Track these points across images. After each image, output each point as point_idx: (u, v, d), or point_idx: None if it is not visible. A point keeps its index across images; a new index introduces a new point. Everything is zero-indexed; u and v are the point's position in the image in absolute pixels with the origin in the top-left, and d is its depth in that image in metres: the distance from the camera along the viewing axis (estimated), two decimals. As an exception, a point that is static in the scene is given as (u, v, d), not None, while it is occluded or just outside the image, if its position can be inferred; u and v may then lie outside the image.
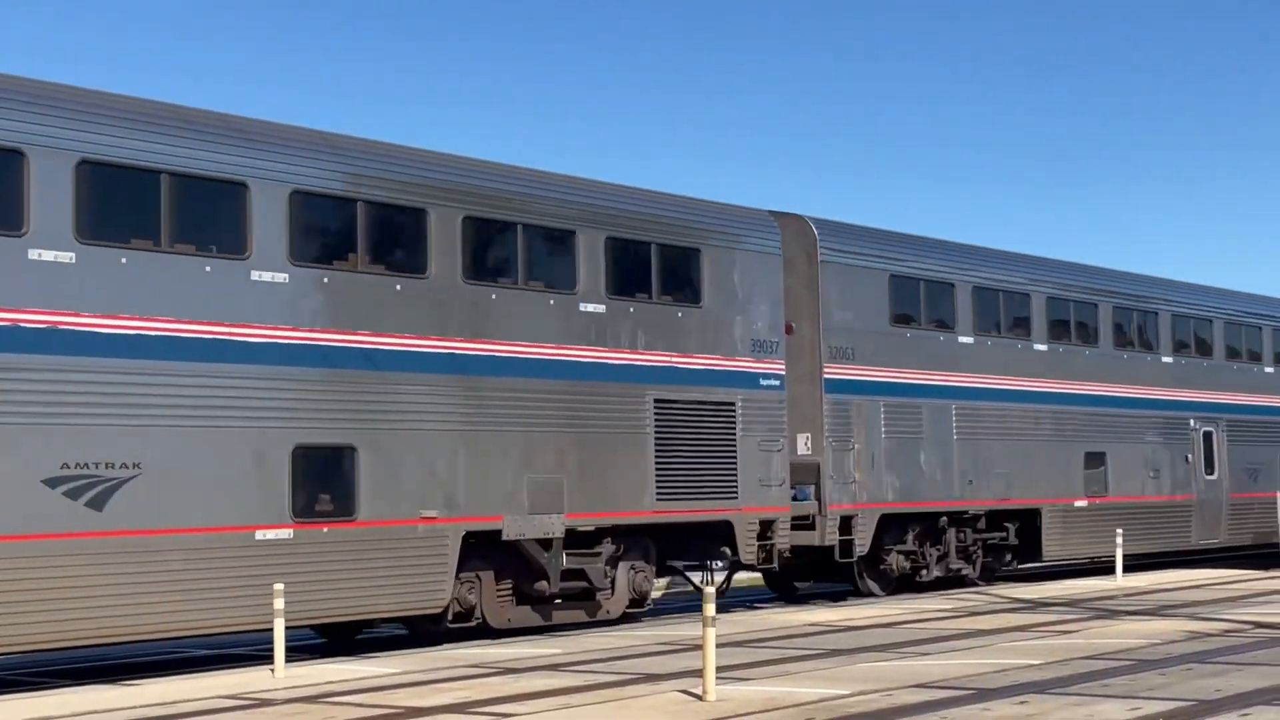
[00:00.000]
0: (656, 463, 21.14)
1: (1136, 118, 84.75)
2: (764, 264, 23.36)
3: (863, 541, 24.82)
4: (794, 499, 24.07)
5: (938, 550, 26.70)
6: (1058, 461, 28.95)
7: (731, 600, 26.03)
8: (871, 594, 25.83)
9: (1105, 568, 32.94)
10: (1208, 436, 33.20)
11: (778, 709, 12.19)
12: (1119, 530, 30.55)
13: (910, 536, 26.20)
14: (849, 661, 15.60)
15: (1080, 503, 29.37)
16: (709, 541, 22.59)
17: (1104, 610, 21.35)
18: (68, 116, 15.70)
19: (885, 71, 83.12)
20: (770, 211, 24.34)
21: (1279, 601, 22.27)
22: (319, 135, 18.30)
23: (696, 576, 23.37)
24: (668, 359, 21.58)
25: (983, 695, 12.66)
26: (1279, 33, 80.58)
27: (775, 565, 23.40)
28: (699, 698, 12.83)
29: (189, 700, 13.81)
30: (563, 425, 20.02)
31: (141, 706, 13.54)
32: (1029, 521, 28.43)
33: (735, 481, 22.28)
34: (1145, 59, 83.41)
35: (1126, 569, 32.37)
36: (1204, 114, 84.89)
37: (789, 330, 24.40)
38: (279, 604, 15.68)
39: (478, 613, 19.49)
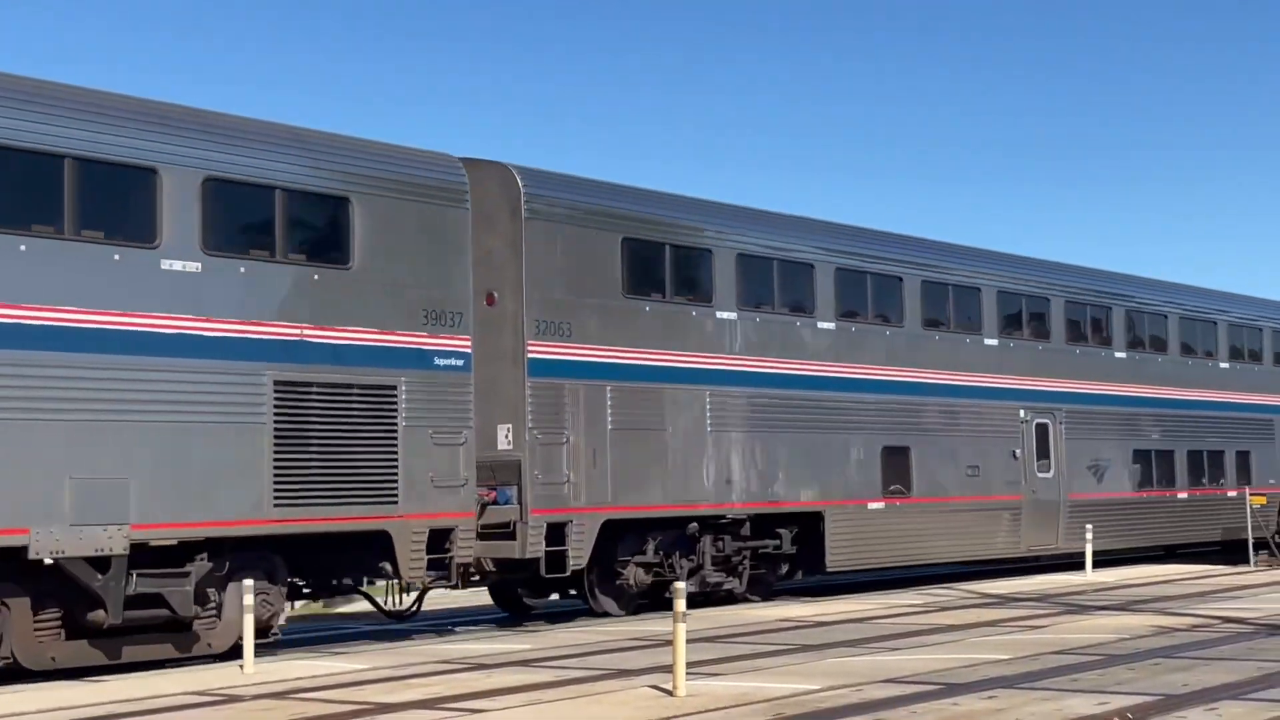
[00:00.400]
0: (276, 459, 17.03)
1: (1136, 117, 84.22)
2: (445, 219, 19.28)
3: (579, 553, 20.76)
4: (494, 503, 20.08)
5: (690, 561, 22.71)
6: (846, 457, 25.01)
7: (422, 624, 21.97)
8: (607, 613, 21.84)
9: (905, 579, 29.20)
10: (1042, 429, 29.27)
11: (748, 704, 12.11)
12: (1088, 525, 28.14)
13: (651, 546, 22.19)
14: (819, 656, 15.55)
15: (876, 504, 25.41)
16: (368, 555, 18.53)
17: (1073, 605, 21.35)
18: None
19: (885, 72, 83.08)
20: (462, 158, 20.24)
21: (1247, 597, 22.17)
22: None
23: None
24: (297, 331, 17.48)
25: (952, 690, 12.64)
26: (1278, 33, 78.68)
27: (454, 583, 19.37)
28: (669, 693, 12.73)
29: (157, 697, 13.51)
30: (129, 412, 15.86)
31: (109, 703, 13.19)
32: (813, 527, 24.47)
33: (394, 482, 18.21)
34: (1145, 59, 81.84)
35: (937, 579, 28.80)
36: (1203, 114, 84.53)
37: (490, 301, 20.41)
38: (249, 600, 15.59)
39: (5, 650, 15.35)
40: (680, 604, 12.85)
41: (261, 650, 17.51)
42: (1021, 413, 28.76)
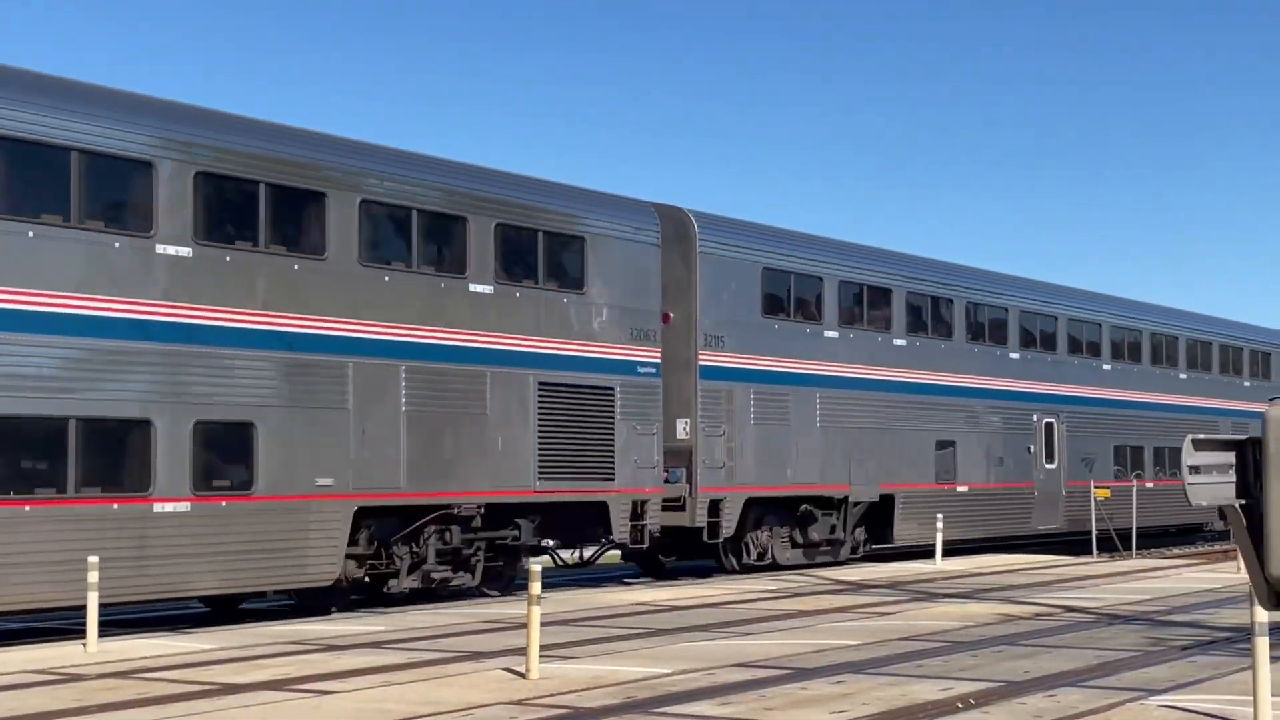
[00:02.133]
0: None
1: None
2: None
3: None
4: None
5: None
6: None
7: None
8: None
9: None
10: None
11: (600, 687, 12.20)
12: (939, 515, 27.81)
13: None
14: (672, 641, 15.73)
15: None
16: None
17: (922, 593, 21.68)
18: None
19: (884, 78, 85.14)
20: None
21: (1088, 587, 22.74)
22: None
23: None
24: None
25: (801, 675, 12.84)
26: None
27: None
28: (522, 676, 12.76)
29: (-7, 675, 13.23)
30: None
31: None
32: None
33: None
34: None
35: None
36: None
37: None
38: (93, 577, 14.93)
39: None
40: (535, 587, 12.84)
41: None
42: None
